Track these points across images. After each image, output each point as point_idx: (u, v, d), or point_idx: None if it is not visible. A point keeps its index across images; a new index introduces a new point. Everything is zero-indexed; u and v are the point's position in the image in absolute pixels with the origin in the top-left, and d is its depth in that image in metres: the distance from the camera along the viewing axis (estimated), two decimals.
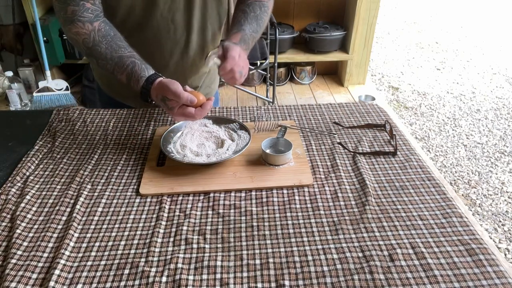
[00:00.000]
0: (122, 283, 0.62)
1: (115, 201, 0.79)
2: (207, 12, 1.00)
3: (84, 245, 0.69)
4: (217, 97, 1.34)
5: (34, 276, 0.63)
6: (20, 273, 0.63)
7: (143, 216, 0.76)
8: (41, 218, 0.75)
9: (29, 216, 0.75)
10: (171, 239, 0.70)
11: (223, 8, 1.04)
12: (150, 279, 0.63)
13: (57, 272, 0.63)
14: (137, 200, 0.79)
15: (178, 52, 1.03)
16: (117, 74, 0.89)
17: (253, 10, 1.02)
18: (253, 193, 0.81)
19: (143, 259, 0.66)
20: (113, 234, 0.72)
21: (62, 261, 0.65)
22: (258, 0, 1.04)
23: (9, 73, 2.70)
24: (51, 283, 0.61)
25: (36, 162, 0.90)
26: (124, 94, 1.13)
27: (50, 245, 0.69)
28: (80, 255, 0.67)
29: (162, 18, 0.95)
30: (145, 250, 0.68)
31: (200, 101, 0.82)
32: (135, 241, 0.70)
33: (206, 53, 1.10)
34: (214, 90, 1.27)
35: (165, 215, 0.76)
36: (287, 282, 0.62)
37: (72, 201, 0.79)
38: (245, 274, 0.63)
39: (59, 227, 0.73)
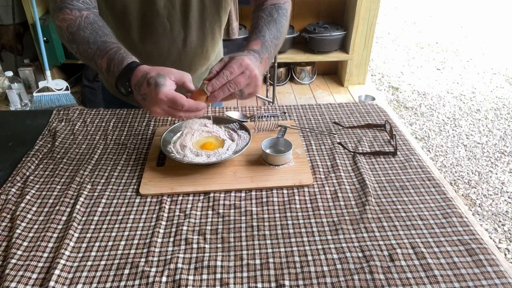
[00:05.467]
0: (122, 283, 0.62)
1: (115, 201, 0.79)
2: (205, 11, 0.98)
3: (84, 245, 0.69)
4: None
5: (34, 276, 0.63)
6: (20, 273, 0.63)
7: (143, 216, 0.76)
8: (41, 218, 0.75)
9: (29, 216, 0.75)
10: (171, 239, 0.70)
11: (222, 7, 1.01)
12: (150, 279, 0.63)
13: (57, 272, 0.63)
14: (137, 200, 0.79)
15: (175, 52, 1.02)
16: (97, 59, 0.80)
17: (270, 14, 0.93)
18: (253, 193, 0.81)
19: (143, 259, 0.66)
20: (113, 234, 0.72)
21: (62, 261, 0.65)
22: (274, 3, 0.96)
23: (9, 73, 2.70)
24: (51, 283, 0.61)
25: (36, 162, 0.90)
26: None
27: (50, 245, 0.69)
28: (80, 255, 0.67)
29: (157, 16, 0.94)
30: (145, 250, 0.68)
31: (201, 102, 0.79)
32: (135, 241, 0.70)
33: (205, 53, 1.09)
34: None
35: (165, 215, 0.76)
36: (287, 282, 0.62)
37: (72, 201, 0.79)
38: (245, 274, 0.64)
39: (59, 227, 0.73)
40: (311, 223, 0.73)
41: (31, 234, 0.71)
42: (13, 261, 0.65)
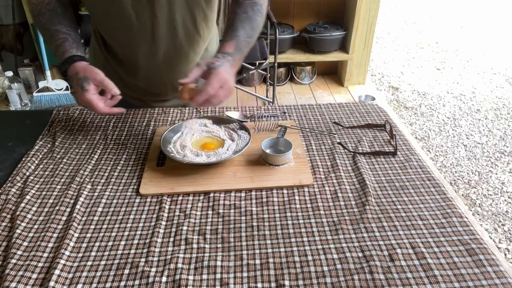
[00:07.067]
0: (122, 283, 0.62)
1: (115, 201, 0.79)
2: (175, 5, 0.95)
3: (84, 245, 0.69)
4: None
5: (34, 276, 0.63)
6: (20, 273, 0.63)
7: (143, 216, 0.76)
8: (41, 218, 0.75)
9: (29, 216, 0.75)
10: (171, 239, 0.70)
11: (196, 4, 0.97)
12: (150, 279, 0.63)
13: (57, 272, 0.63)
14: (137, 200, 0.79)
15: (145, 44, 0.99)
16: (50, 44, 0.93)
17: (245, 11, 0.95)
18: (253, 193, 0.81)
19: (143, 259, 0.66)
20: (113, 234, 0.72)
21: (62, 261, 0.65)
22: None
23: (9, 73, 2.70)
24: (51, 283, 0.61)
25: (36, 162, 0.90)
26: (129, 93, 1.11)
27: (50, 245, 0.69)
28: (80, 255, 0.67)
29: (122, 4, 0.92)
30: (145, 250, 0.68)
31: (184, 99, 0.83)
32: (135, 241, 0.70)
33: (180, 50, 1.04)
34: None
35: (165, 215, 0.76)
36: (287, 282, 0.62)
37: (72, 201, 0.79)
38: (245, 274, 0.64)
39: (59, 227, 0.73)
40: (311, 223, 0.73)
41: (31, 234, 0.71)
42: (13, 261, 0.65)
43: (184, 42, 1.02)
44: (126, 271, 0.64)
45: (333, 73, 3.43)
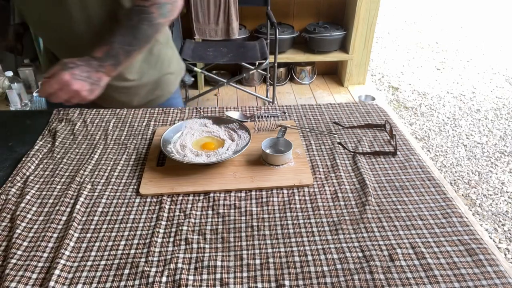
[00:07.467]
0: (122, 283, 0.62)
1: (115, 201, 0.79)
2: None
3: (84, 245, 0.69)
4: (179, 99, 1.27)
5: (34, 276, 0.63)
6: (20, 273, 0.63)
7: (143, 216, 0.76)
8: (41, 218, 0.75)
9: (29, 216, 0.75)
10: (171, 239, 0.70)
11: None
12: (150, 279, 0.63)
13: (57, 272, 0.63)
14: (137, 200, 0.79)
15: (61, 26, 0.97)
16: None
17: (130, 18, 0.90)
18: (253, 193, 0.81)
19: (143, 259, 0.66)
20: (113, 234, 0.72)
21: (62, 261, 0.65)
22: (140, 5, 0.89)
23: (9, 73, 2.70)
24: (51, 283, 0.61)
25: (36, 162, 0.90)
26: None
27: (50, 245, 0.69)
28: (80, 255, 0.67)
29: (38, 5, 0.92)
30: (145, 250, 0.68)
31: None
32: (135, 241, 0.70)
33: (100, 41, 0.99)
34: (165, 96, 1.20)
35: (165, 215, 0.76)
36: (287, 282, 0.62)
37: (72, 201, 0.79)
38: (245, 274, 0.64)
39: (59, 227, 0.73)
40: (311, 223, 0.73)
41: (31, 234, 0.71)
42: (13, 261, 0.65)
43: (98, 34, 0.98)
44: (126, 271, 0.64)
45: (333, 73, 3.43)
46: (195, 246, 0.69)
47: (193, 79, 1.35)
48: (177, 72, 1.22)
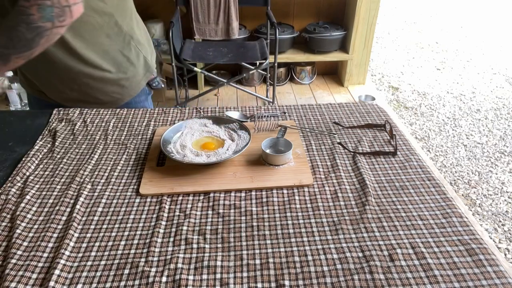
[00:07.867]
0: (122, 283, 0.62)
1: (115, 201, 0.79)
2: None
3: (84, 245, 0.69)
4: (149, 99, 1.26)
5: (34, 276, 0.63)
6: (20, 273, 0.63)
7: (143, 216, 0.76)
8: (41, 218, 0.75)
9: (29, 216, 0.75)
10: (171, 239, 0.70)
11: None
12: (150, 279, 0.63)
13: (57, 272, 0.63)
14: (137, 200, 0.79)
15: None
16: None
17: (10, 19, 0.82)
18: (253, 193, 0.81)
19: (143, 259, 0.66)
20: (113, 234, 0.72)
21: (62, 261, 0.65)
22: (20, 5, 0.80)
23: (9, 73, 2.70)
24: (51, 283, 0.61)
25: (36, 162, 0.90)
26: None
27: (50, 245, 0.69)
28: (80, 255, 0.67)
29: None
30: (145, 250, 0.68)
31: None
32: (135, 241, 0.70)
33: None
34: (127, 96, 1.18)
35: (165, 215, 0.76)
36: (287, 282, 0.62)
37: (72, 201, 0.79)
38: (245, 274, 0.64)
39: (59, 227, 0.73)
40: (311, 223, 0.73)
41: (31, 234, 0.71)
42: (13, 261, 0.65)
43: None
44: (126, 271, 0.64)
45: (333, 73, 3.43)
46: (195, 246, 0.69)
47: (163, 85, 1.31)
48: (141, 75, 1.18)
